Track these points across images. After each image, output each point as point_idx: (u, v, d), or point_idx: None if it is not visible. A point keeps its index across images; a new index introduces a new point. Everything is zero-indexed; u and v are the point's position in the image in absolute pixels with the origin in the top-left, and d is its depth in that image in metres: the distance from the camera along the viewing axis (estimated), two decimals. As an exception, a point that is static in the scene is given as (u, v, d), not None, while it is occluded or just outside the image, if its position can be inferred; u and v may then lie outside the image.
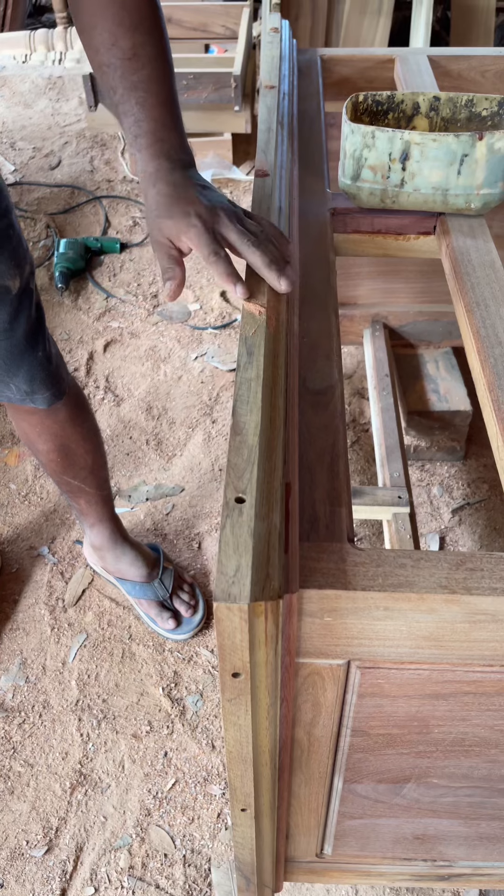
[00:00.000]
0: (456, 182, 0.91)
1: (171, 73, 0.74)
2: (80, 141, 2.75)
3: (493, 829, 0.82)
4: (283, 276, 0.70)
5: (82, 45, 0.75)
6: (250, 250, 0.69)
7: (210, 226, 0.69)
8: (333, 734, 0.68)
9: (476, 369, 0.78)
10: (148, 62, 0.71)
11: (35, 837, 1.13)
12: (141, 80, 0.71)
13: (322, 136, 1.13)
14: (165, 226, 0.70)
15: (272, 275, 0.70)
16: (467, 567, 0.56)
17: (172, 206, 0.70)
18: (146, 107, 0.72)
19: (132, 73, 0.71)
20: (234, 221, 0.70)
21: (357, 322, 1.68)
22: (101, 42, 0.71)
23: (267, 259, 0.69)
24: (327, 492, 0.64)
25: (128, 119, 0.73)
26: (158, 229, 0.71)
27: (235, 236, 0.69)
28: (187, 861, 1.11)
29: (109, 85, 0.73)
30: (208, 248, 0.68)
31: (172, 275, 0.70)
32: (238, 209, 0.73)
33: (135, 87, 0.71)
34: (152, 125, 0.72)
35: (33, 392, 1.04)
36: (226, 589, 0.48)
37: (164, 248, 0.71)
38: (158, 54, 0.72)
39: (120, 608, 1.40)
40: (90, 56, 0.74)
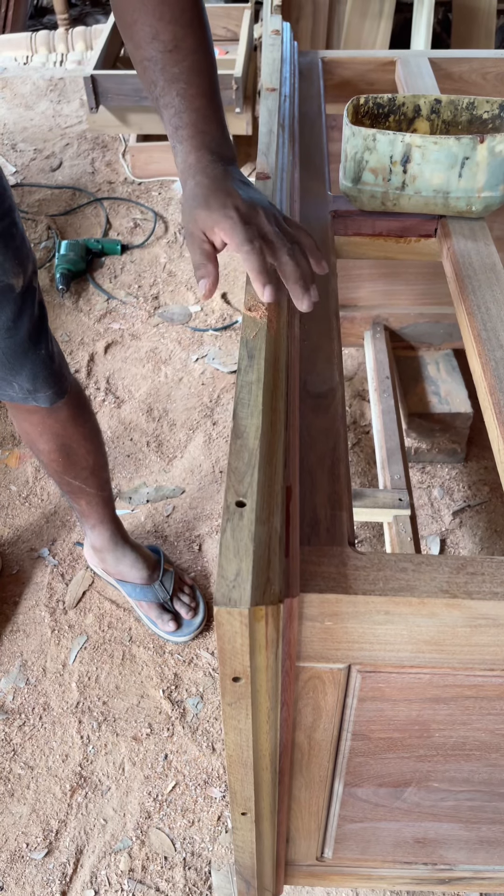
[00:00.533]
0: (457, 185, 0.91)
1: (213, 65, 0.73)
2: (82, 142, 2.75)
3: (494, 833, 0.82)
4: (307, 295, 0.66)
5: (124, 42, 0.74)
6: (284, 258, 0.66)
7: (247, 219, 0.66)
8: (334, 738, 0.68)
9: (477, 372, 0.78)
10: (189, 54, 0.70)
11: (35, 840, 1.13)
12: (182, 71, 0.70)
13: (323, 138, 1.13)
14: (201, 217, 0.67)
15: (298, 290, 0.66)
16: (468, 571, 0.56)
17: (210, 197, 0.67)
18: (187, 98, 0.70)
19: (173, 65, 0.70)
20: (272, 222, 0.67)
21: (358, 324, 1.68)
22: (142, 37, 0.70)
23: (298, 272, 0.66)
24: (328, 495, 0.64)
25: (168, 111, 0.71)
26: (193, 220, 0.68)
27: (272, 238, 0.66)
28: (187, 864, 1.10)
29: (150, 79, 0.71)
30: (242, 235, 0.64)
31: (205, 272, 0.67)
32: (278, 211, 0.71)
33: (175, 79, 0.70)
34: (193, 116, 0.70)
35: (36, 391, 1.04)
36: (226, 593, 0.48)
37: (197, 241, 0.68)
38: (199, 46, 0.71)
39: (120, 610, 1.40)
40: (131, 52, 0.73)
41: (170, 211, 2.42)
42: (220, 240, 0.67)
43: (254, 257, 0.64)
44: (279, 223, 0.69)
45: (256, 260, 0.64)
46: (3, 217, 0.91)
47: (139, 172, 2.55)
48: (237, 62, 2.44)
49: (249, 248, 0.64)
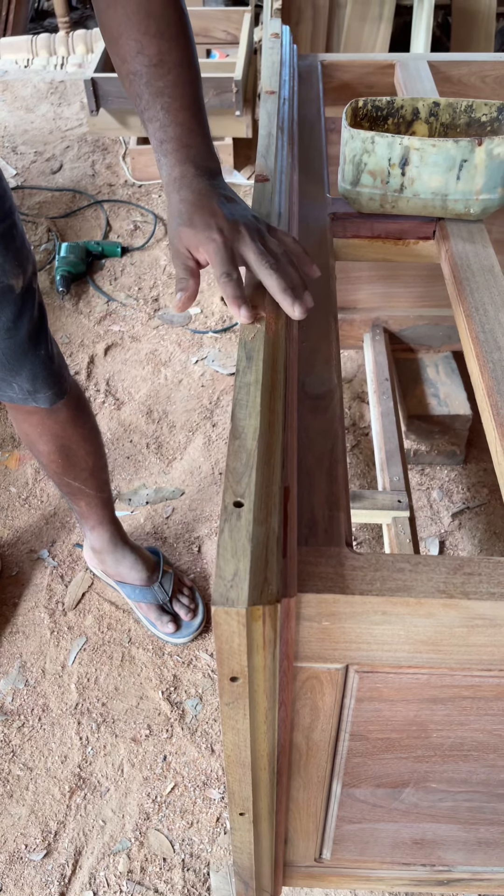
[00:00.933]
0: (455, 187, 0.92)
1: (198, 79, 0.74)
2: (82, 145, 2.76)
3: (492, 834, 0.82)
4: (298, 302, 0.68)
5: (109, 55, 0.75)
6: (267, 273, 0.68)
7: (229, 243, 0.68)
8: (332, 738, 0.68)
9: (475, 374, 0.78)
10: (173, 67, 0.71)
11: (34, 841, 1.13)
12: (166, 85, 0.71)
13: (322, 141, 1.14)
14: (185, 235, 0.69)
15: (286, 300, 0.68)
16: (465, 571, 0.56)
17: (194, 215, 0.69)
18: (171, 111, 0.71)
19: (157, 78, 0.71)
20: (255, 239, 0.69)
21: (357, 326, 1.68)
22: (127, 50, 0.71)
23: (283, 284, 0.68)
24: (326, 496, 0.64)
25: (153, 125, 0.72)
26: (178, 237, 0.70)
27: (254, 256, 0.68)
28: (186, 865, 1.10)
29: (136, 92, 0.72)
30: (222, 267, 0.67)
31: (185, 286, 0.69)
32: (262, 224, 0.72)
33: (160, 93, 0.71)
34: (178, 130, 0.71)
35: (35, 391, 1.05)
36: (224, 593, 0.49)
37: (181, 258, 0.70)
38: (184, 60, 0.72)
39: (119, 612, 1.41)
40: (117, 66, 0.74)
41: (170, 213, 2.43)
42: (204, 258, 0.70)
43: (229, 286, 0.67)
44: (262, 237, 0.70)
45: (231, 289, 0.67)
46: (4, 219, 0.91)
47: (139, 175, 2.55)
48: (237, 65, 2.45)
49: (226, 279, 0.67)
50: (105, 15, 0.72)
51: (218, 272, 0.67)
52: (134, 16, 0.70)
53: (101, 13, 0.73)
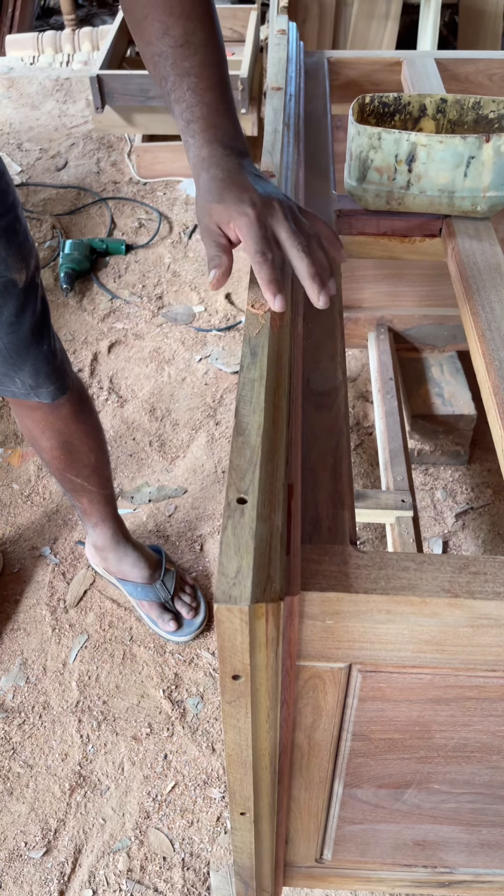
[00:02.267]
0: (462, 184, 0.91)
1: (224, 60, 0.72)
2: (87, 142, 2.75)
3: (495, 836, 0.81)
4: (324, 291, 0.66)
5: (134, 39, 0.74)
6: (298, 255, 0.65)
7: (263, 218, 0.65)
8: (334, 738, 0.67)
9: (481, 372, 0.77)
10: (200, 48, 0.70)
11: (34, 839, 1.13)
12: (193, 65, 0.69)
13: (328, 137, 1.13)
14: (216, 210, 0.67)
15: (314, 287, 0.66)
16: (471, 571, 0.56)
17: (224, 191, 0.67)
18: (198, 92, 0.70)
19: (184, 59, 0.70)
20: (288, 218, 0.67)
21: (362, 325, 1.67)
22: (152, 32, 0.70)
23: (313, 269, 0.65)
24: (330, 494, 0.63)
25: (180, 106, 0.71)
26: (208, 214, 0.68)
27: (286, 235, 0.66)
28: (186, 865, 1.10)
29: (161, 75, 0.71)
30: (257, 244, 0.64)
31: (218, 262, 0.66)
32: (293, 203, 0.70)
33: (187, 74, 0.70)
34: (205, 110, 0.70)
35: (38, 386, 1.04)
36: (226, 590, 0.48)
37: (212, 235, 0.68)
38: (209, 40, 0.71)
39: (121, 609, 1.40)
40: (142, 48, 0.73)
41: (174, 211, 2.42)
42: (235, 235, 0.67)
43: (266, 268, 0.64)
44: (295, 216, 0.68)
45: (268, 271, 0.64)
46: (6, 213, 0.91)
47: (144, 172, 2.55)
48: (243, 63, 2.44)
49: (262, 259, 0.64)
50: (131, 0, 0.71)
51: (252, 249, 0.65)
52: None
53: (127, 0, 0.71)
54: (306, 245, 0.66)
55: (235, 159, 0.69)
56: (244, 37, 2.86)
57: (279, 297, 0.65)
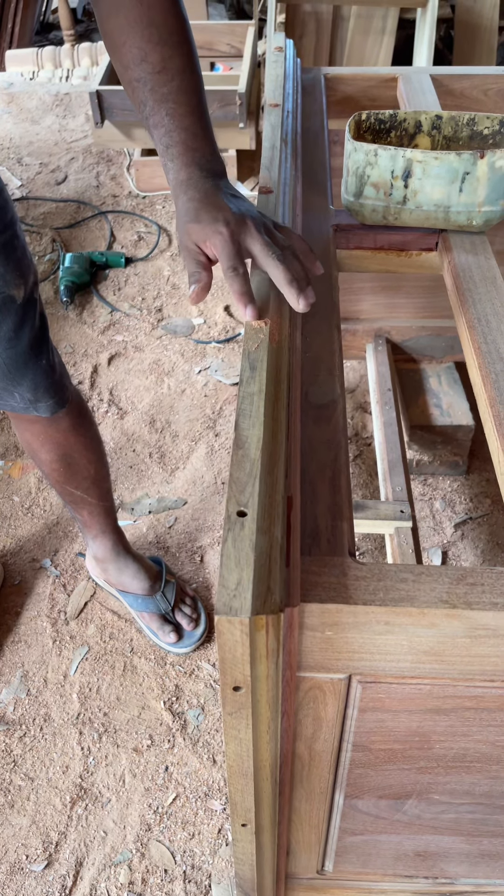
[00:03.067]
0: (458, 199, 0.92)
1: (201, 85, 0.75)
2: (87, 157, 2.77)
3: (495, 847, 0.82)
4: (303, 296, 0.69)
5: (112, 62, 0.76)
6: (273, 264, 0.69)
7: (236, 236, 0.69)
8: (334, 749, 0.68)
9: (477, 385, 0.78)
10: (177, 74, 0.72)
11: (35, 852, 1.13)
12: (170, 91, 0.72)
13: (325, 153, 1.14)
14: (193, 230, 0.70)
15: (292, 292, 0.69)
16: (468, 582, 0.56)
17: (201, 212, 0.70)
18: (176, 117, 0.72)
19: (161, 85, 0.72)
20: (262, 232, 0.70)
21: (360, 337, 1.68)
22: (130, 58, 0.72)
23: (289, 276, 0.68)
24: (329, 506, 0.64)
25: (158, 131, 0.73)
26: (187, 234, 0.71)
27: (259, 248, 0.69)
28: (187, 877, 1.10)
29: (140, 99, 0.74)
30: (229, 261, 0.68)
31: (198, 278, 0.70)
32: (267, 220, 0.73)
33: (164, 99, 0.72)
34: (183, 135, 0.72)
35: (37, 400, 1.05)
36: (227, 602, 0.49)
37: (191, 254, 0.71)
38: (186, 66, 0.73)
39: (122, 621, 1.40)
40: (120, 73, 0.75)
41: (174, 224, 2.44)
42: (212, 253, 0.70)
43: (236, 282, 0.68)
44: (269, 231, 0.71)
45: (238, 284, 0.68)
46: (5, 229, 0.92)
47: (143, 186, 2.57)
48: (241, 78, 2.47)
49: (233, 273, 0.68)
50: (107, 23, 0.73)
51: (224, 266, 0.68)
52: (136, 24, 0.71)
53: (104, 21, 0.74)
54: (280, 255, 0.69)
55: (212, 181, 0.72)
56: (242, 52, 2.90)
57: (250, 308, 0.68)
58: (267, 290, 0.73)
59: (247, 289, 0.68)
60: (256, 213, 0.73)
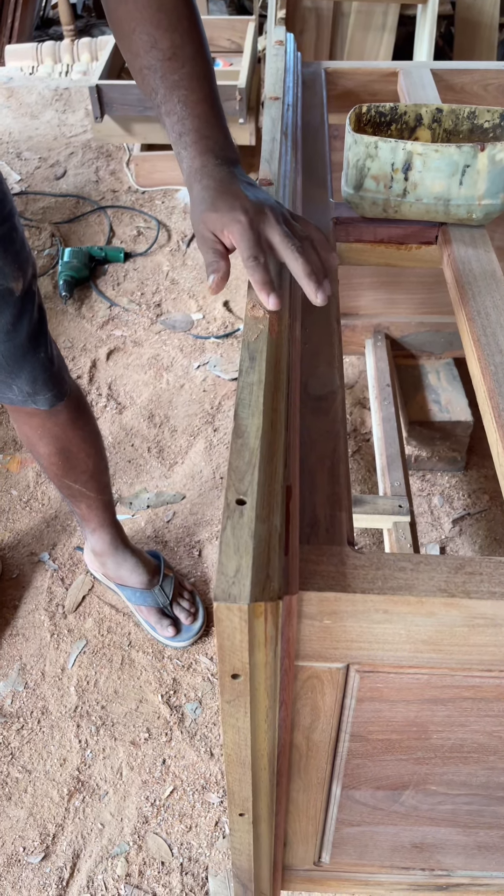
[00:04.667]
0: (458, 192, 0.92)
1: (212, 71, 0.74)
2: (86, 152, 2.77)
3: (492, 839, 0.82)
4: (321, 289, 0.68)
5: (121, 51, 0.75)
6: (293, 256, 0.67)
7: (255, 224, 0.67)
8: (332, 739, 0.68)
9: (476, 377, 0.78)
10: (188, 61, 0.71)
11: (32, 844, 1.13)
12: (182, 78, 0.71)
13: (325, 146, 1.14)
14: (210, 219, 0.68)
15: (311, 285, 0.68)
16: (466, 571, 0.56)
17: (217, 200, 0.68)
18: (188, 104, 0.71)
19: (172, 72, 0.71)
20: (280, 222, 0.68)
21: (359, 332, 1.68)
22: (140, 45, 0.71)
23: (308, 268, 0.67)
24: (328, 496, 0.64)
25: (171, 118, 0.72)
26: (203, 223, 0.69)
27: (279, 238, 0.68)
28: (184, 869, 1.10)
29: (151, 87, 0.72)
30: (249, 250, 0.66)
31: (217, 267, 0.68)
32: (285, 209, 0.72)
33: (176, 86, 0.71)
34: (196, 122, 0.71)
35: (35, 393, 1.05)
36: (226, 589, 0.49)
37: (208, 243, 0.69)
38: (197, 53, 0.72)
39: (120, 615, 1.40)
40: (129, 61, 0.74)
41: (173, 219, 2.44)
42: (230, 241, 0.69)
43: (258, 271, 0.66)
44: (287, 221, 0.70)
45: (260, 273, 0.66)
46: (3, 222, 0.92)
47: (143, 181, 2.57)
48: (241, 73, 2.47)
49: (254, 263, 0.66)
50: (116, 11, 0.72)
51: (245, 255, 0.67)
52: (146, 10, 0.70)
53: (112, 10, 0.73)
54: (300, 246, 0.68)
55: (227, 168, 0.71)
56: (242, 48, 2.89)
57: (272, 297, 0.67)
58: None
59: (269, 278, 0.67)
60: (274, 202, 0.71)
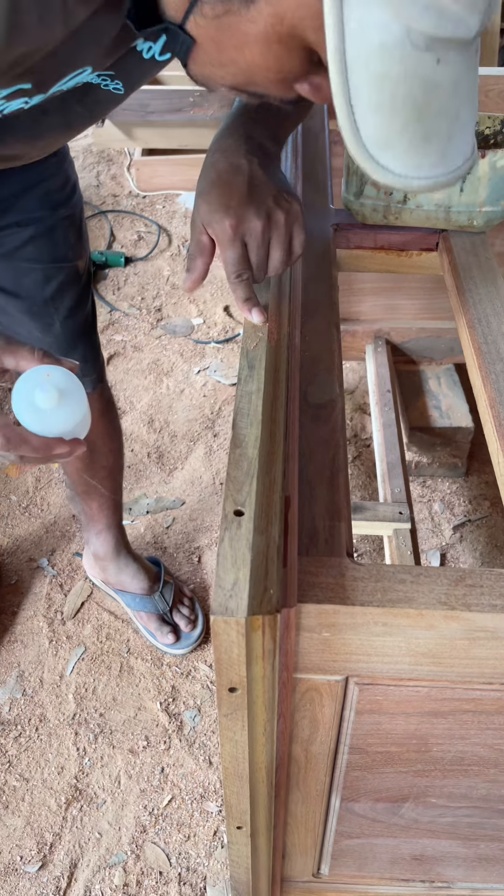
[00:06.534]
0: (458, 199, 0.92)
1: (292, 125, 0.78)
2: (87, 156, 2.77)
3: (493, 851, 0.81)
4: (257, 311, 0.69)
5: None
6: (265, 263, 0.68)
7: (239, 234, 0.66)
8: (331, 751, 0.67)
9: (477, 385, 0.78)
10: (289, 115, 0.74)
11: (29, 853, 1.12)
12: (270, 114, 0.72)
13: (326, 153, 1.14)
14: (202, 209, 0.67)
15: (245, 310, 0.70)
16: (467, 583, 0.56)
17: (213, 189, 0.66)
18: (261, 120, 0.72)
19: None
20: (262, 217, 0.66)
21: (360, 338, 1.68)
22: None
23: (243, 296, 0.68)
24: (327, 506, 0.63)
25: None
26: (197, 208, 0.68)
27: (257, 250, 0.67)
28: (182, 879, 1.09)
29: None
30: (232, 266, 0.66)
31: (193, 266, 0.68)
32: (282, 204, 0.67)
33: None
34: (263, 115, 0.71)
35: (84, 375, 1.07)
36: (223, 602, 0.48)
37: (196, 231, 0.68)
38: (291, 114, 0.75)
39: (119, 622, 1.40)
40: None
41: (174, 224, 2.44)
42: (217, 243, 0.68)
43: (240, 288, 0.68)
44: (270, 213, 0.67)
45: (242, 290, 0.68)
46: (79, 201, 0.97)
47: (144, 186, 2.57)
48: (242, 78, 2.46)
49: (237, 280, 0.67)
50: None
51: (228, 272, 0.67)
52: None
53: None
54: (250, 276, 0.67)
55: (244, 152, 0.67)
56: (243, 52, 2.89)
57: (255, 312, 0.69)
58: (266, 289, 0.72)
59: (250, 294, 0.68)
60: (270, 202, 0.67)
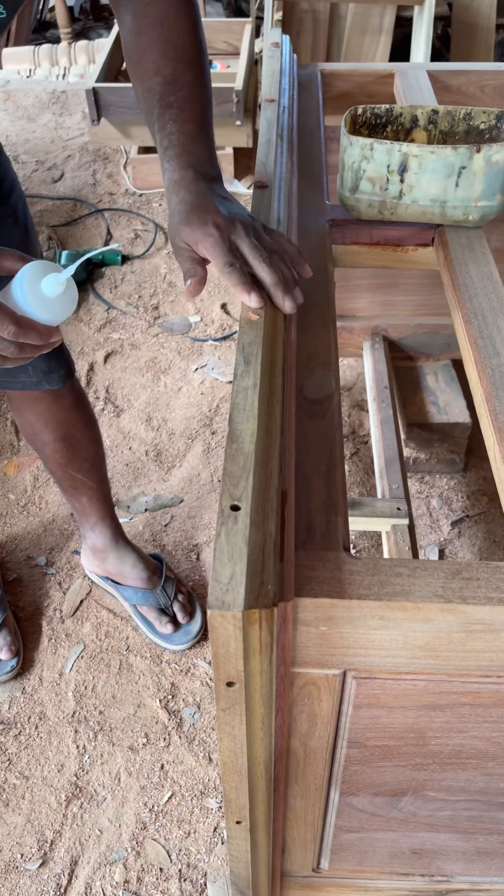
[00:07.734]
0: (454, 194, 0.92)
1: (209, 100, 0.79)
2: (83, 154, 2.77)
3: (492, 844, 0.81)
4: (288, 297, 0.70)
5: (130, 78, 0.81)
6: (260, 266, 0.70)
7: (227, 236, 0.70)
8: (329, 745, 0.67)
9: (474, 380, 0.78)
10: (185, 86, 0.77)
11: (30, 850, 1.12)
12: (177, 99, 0.76)
13: (321, 148, 1.14)
14: (184, 232, 0.72)
15: (278, 293, 0.70)
16: (463, 576, 0.56)
17: (191, 214, 0.71)
18: (178, 122, 0.76)
19: (169, 94, 0.76)
20: (250, 235, 0.71)
21: (357, 334, 1.68)
22: (145, 71, 0.78)
23: (276, 278, 0.70)
24: (324, 500, 0.64)
25: (161, 134, 0.76)
26: (178, 235, 0.73)
27: (248, 249, 0.70)
28: (183, 876, 1.09)
29: (149, 107, 0.78)
30: (223, 258, 0.69)
31: (194, 273, 0.71)
32: (257, 223, 0.74)
33: (170, 106, 0.76)
34: (182, 138, 0.75)
35: (50, 371, 1.09)
36: (220, 596, 0.48)
37: (184, 253, 0.72)
38: (196, 81, 0.78)
39: (118, 619, 1.40)
40: (135, 85, 0.80)
41: (170, 222, 2.43)
42: (204, 254, 0.72)
43: (234, 275, 0.69)
44: (258, 234, 0.73)
45: (237, 276, 0.69)
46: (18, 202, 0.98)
47: (140, 184, 2.56)
48: (238, 76, 2.46)
49: (229, 269, 0.69)
50: (131, 44, 0.79)
51: (220, 264, 0.69)
52: (156, 43, 0.77)
53: (128, 42, 0.80)
54: (268, 257, 0.70)
55: (204, 183, 0.74)
56: (239, 50, 2.89)
57: (253, 294, 0.69)
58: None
59: (245, 279, 0.69)
60: (247, 216, 0.74)
